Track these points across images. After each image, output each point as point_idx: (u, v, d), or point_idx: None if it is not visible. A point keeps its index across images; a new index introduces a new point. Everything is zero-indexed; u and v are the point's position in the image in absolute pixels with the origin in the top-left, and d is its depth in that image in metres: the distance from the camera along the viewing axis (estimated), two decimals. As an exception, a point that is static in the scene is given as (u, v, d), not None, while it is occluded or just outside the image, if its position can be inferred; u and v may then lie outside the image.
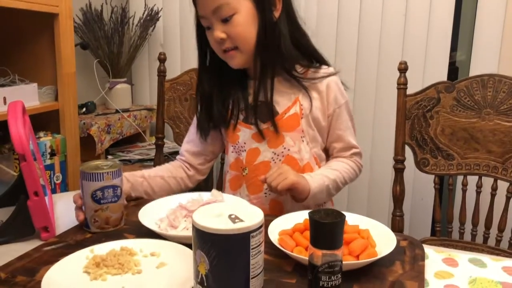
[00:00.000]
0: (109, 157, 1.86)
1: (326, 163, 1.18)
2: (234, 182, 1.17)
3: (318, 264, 0.61)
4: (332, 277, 0.62)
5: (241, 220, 0.57)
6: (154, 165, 1.58)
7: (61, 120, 1.45)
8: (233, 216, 0.58)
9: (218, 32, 1.04)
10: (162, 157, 1.59)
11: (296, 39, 1.10)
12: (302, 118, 1.11)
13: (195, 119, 1.21)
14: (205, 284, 0.57)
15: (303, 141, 1.12)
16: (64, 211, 1.04)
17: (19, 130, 0.88)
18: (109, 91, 2.03)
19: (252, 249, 0.57)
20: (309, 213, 0.62)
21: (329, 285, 0.62)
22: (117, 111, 1.94)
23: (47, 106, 1.40)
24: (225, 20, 1.03)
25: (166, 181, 1.17)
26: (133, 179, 1.10)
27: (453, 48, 1.90)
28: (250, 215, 0.59)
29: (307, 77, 1.11)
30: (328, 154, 1.20)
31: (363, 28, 1.89)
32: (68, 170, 1.47)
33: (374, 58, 1.88)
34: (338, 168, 1.13)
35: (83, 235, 0.89)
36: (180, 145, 1.56)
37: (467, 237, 1.35)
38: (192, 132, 1.23)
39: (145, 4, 2.11)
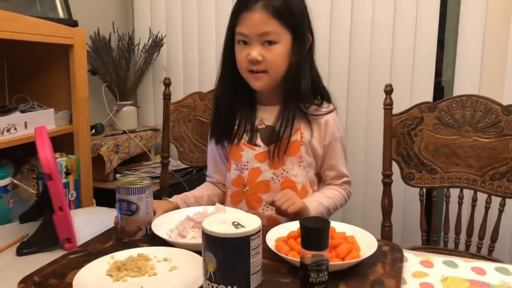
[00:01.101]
0: (118, 175, 1.97)
1: (320, 190, 1.30)
2: (235, 197, 1.28)
3: (308, 263, 0.73)
4: (320, 274, 0.73)
5: (243, 226, 0.68)
6: (160, 182, 1.69)
7: (75, 142, 1.57)
8: (235, 223, 0.69)
9: (256, 53, 1.15)
10: (167, 175, 1.70)
11: (312, 77, 1.23)
12: (301, 145, 1.22)
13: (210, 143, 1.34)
14: (213, 280, 0.68)
15: (300, 165, 1.23)
16: (80, 225, 1.15)
17: (46, 152, 1.00)
18: (117, 113, 2.15)
19: (252, 250, 0.68)
20: (299, 220, 0.74)
21: (317, 281, 0.73)
22: (124, 132, 2.06)
23: (62, 129, 1.51)
24: (267, 45, 1.15)
25: (211, 198, 1.32)
26: (188, 201, 1.25)
27: (439, 68, 2.05)
28: (250, 222, 0.70)
29: (309, 111, 1.23)
30: (320, 178, 1.32)
31: (353, 53, 2.02)
32: (82, 188, 1.58)
33: (364, 80, 2.01)
34: (331, 196, 1.25)
35: (102, 245, 1.00)
36: (184, 163, 1.68)
37: (451, 245, 1.46)
38: (210, 153, 1.36)
39: (150, 32, 2.25)
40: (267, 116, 1.25)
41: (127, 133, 2.05)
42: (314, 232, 0.72)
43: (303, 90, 1.20)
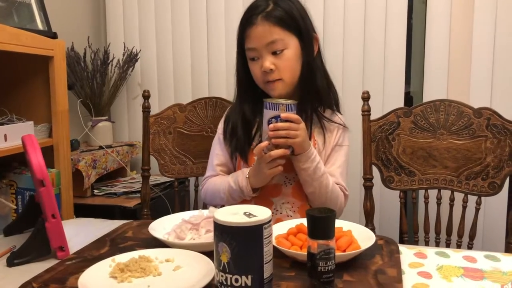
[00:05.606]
0: (95, 191, 1.93)
1: None
2: (245, 201, 1.24)
3: (316, 253, 0.75)
4: (328, 262, 0.75)
5: (254, 216, 0.70)
6: (141, 196, 1.67)
7: (55, 155, 1.54)
8: (247, 213, 0.71)
9: (268, 63, 1.17)
10: (148, 188, 1.68)
11: (325, 78, 1.26)
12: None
13: (216, 137, 1.34)
14: (227, 271, 0.69)
15: None
16: (69, 235, 1.12)
17: (38, 158, 0.98)
18: (92, 128, 2.12)
19: (265, 238, 0.69)
20: (306, 211, 0.76)
21: (326, 270, 0.75)
22: (100, 147, 2.03)
23: (42, 142, 1.48)
24: (276, 53, 1.17)
25: None
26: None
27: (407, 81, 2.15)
28: (261, 212, 0.72)
29: (325, 114, 1.26)
30: None
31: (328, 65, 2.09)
32: (62, 202, 1.55)
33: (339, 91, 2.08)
34: (330, 179, 1.22)
35: (98, 251, 0.99)
36: (166, 175, 1.66)
37: (432, 244, 1.51)
38: (216, 149, 1.33)
39: (125, 47, 2.25)
40: None
41: (103, 148, 2.02)
42: (321, 221, 0.74)
43: (320, 86, 1.23)
